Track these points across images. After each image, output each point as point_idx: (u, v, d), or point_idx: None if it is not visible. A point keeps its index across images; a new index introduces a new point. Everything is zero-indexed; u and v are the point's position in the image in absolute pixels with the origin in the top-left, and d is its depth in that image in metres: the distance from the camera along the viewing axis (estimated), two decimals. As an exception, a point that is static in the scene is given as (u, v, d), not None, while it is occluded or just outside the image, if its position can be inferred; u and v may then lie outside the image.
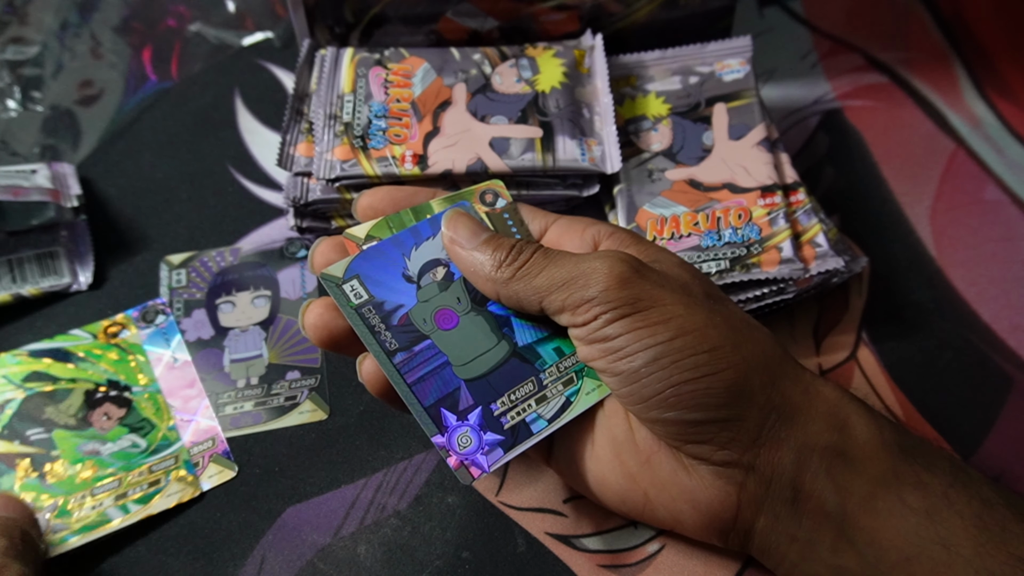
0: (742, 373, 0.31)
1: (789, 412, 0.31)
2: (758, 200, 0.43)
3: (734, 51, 0.48)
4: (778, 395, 0.31)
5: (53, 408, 0.41)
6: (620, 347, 0.31)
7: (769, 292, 0.41)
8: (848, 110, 0.52)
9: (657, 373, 0.30)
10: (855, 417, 0.31)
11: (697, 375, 0.30)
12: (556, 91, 0.46)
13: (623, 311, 0.31)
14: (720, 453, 0.31)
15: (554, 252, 0.33)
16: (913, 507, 0.30)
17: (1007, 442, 0.40)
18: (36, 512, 0.38)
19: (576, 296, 0.32)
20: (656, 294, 0.31)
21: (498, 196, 0.37)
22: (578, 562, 0.37)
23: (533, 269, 0.33)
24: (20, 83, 0.54)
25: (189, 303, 0.45)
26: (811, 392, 0.32)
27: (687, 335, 0.31)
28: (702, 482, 0.32)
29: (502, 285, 0.33)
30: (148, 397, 0.41)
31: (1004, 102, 0.52)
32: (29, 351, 0.42)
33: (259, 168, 0.50)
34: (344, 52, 0.47)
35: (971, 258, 0.46)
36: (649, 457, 0.33)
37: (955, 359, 0.42)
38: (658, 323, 0.31)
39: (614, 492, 0.34)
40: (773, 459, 0.31)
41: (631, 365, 0.31)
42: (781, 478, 0.31)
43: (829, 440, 0.31)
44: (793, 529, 0.31)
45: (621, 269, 0.31)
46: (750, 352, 0.31)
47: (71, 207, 0.45)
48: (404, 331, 0.35)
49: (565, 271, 0.32)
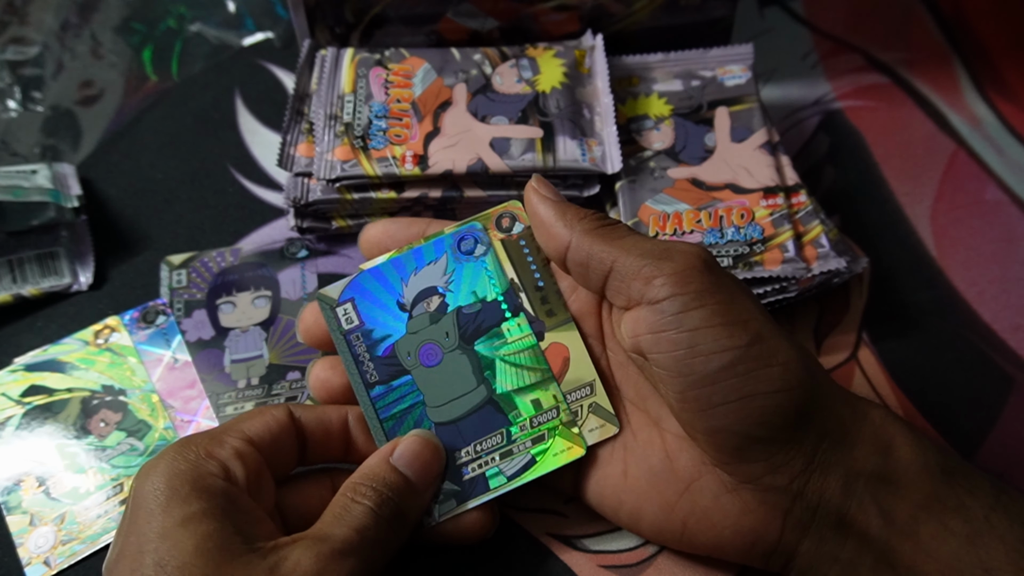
0: (809, 392, 0.30)
1: (839, 436, 0.30)
2: (760, 201, 0.43)
3: (736, 58, 0.48)
4: (832, 419, 0.30)
5: (52, 420, 0.41)
6: (695, 343, 0.29)
7: (771, 291, 0.41)
8: (848, 110, 0.52)
9: (732, 380, 0.29)
10: (899, 438, 0.31)
11: (771, 389, 0.29)
12: (556, 91, 0.46)
13: (703, 298, 0.29)
14: (770, 477, 0.30)
15: (631, 231, 0.33)
16: (955, 532, 0.29)
17: (1008, 442, 0.40)
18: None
19: (654, 266, 0.30)
20: (733, 289, 0.30)
21: (516, 220, 0.36)
22: (579, 562, 0.37)
23: (616, 231, 0.32)
24: (20, 83, 0.54)
25: (189, 303, 0.44)
26: (859, 414, 0.31)
27: (764, 342, 0.29)
28: (746, 507, 0.31)
29: (581, 235, 0.32)
30: (142, 398, 0.41)
31: (1004, 102, 0.52)
32: (25, 365, 0.42)
33: (259, 168, 0.50)
34: (344, 52, 0.47)
35: (971, 258, 0.46)
36: (690, 485, 0.32)
37: (955, 359, 0.42)
38: (737, 323, 0.29)
39: (650, 524, 0.33)
40: (822, 486, 0.30)
41: (707, 367, 0.29)
42: (828, 504, 0.30)
43: (875, 464, 0.30)
44: (836, 551, 0.31)
45: (703, 255, 0.30)
46: (814, 371, 0.30)
47: (71, 207, 0.45)
48: (387, 364, 0.35)
49: (647, 243, 0.31)
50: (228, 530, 0.28)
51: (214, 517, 0.28)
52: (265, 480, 0.32)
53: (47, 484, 0.39)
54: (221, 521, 0.28)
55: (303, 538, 0.29)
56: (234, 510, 0.29)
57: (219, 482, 0.30)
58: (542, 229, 0.34)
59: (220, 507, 0.29)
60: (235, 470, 0.30)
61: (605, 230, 0.32)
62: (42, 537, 0.38)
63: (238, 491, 0.30)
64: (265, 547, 0.28)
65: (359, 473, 0.32)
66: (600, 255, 0.31)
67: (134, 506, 0.29)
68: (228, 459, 0.31)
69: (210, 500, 0.29)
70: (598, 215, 0.33)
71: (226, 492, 0.30)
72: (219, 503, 0.29)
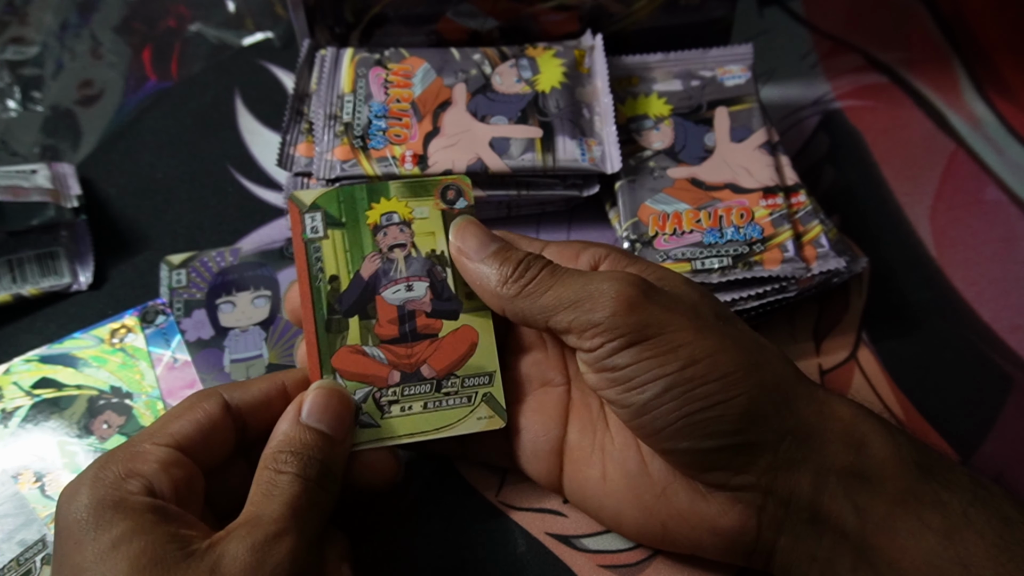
0: (755, 398, 0.30)
1: (804, 434, 0.31)
2: (760, 201, 0.43)
3: (736, 58, 0.48)
4: (792, 417, 0.31)
5: (58, 415, 0.41)
6: (629, 378, 0.30)
7: (770, 291, 0.41)
8: (848, 110, 0.52)
9: (668, 405, 0.30)
10: (872, 435, 0.31)
11: (709, 404, 0.30)
12: (556, 91, 0.46)
13: (631, 339, 0.30)
14: (737, 478, 0.31)
15: (562, 270, 0.33)
16: (932, 527, 0.29)
17: (1007, 442, 0.40)
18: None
19: (583, 320, 0.31)
20: (665, 319, 0.30)
21: (461, 195, 0.37)
22: (578, 562, 0.37)
23: (540, 287, 0.32)
24: (20, 83, 0.54)
25: (189, 303, 0.44)
26: (826, 412, 0.31)
27: (698, 363, 0.30)
28: (721, 508, 0.31)
29: (507, 302, 0.33)
30: (148, 404, 0.41)
31: (1004, 102, 0.52)
32: (40, 356, 0.42)
33: (259, 168, 0.50)
34: (344, 52, 0.47)
35: (971, 258, 0.46)
36: (664, 488, 0.32)
37: (955, 359, 0.42)
38: (668, 352, 0.30)
39: (631, 526, 0.34)
40: (791, 481, 0.30)
41: (640, 397, 0.30)
42: (800, 500, 0.31)
43: (846, 461, 0.30)
44: (813, 549, 0.31)
45: (629, 293, 0.31)
46: (763, 375, 0.31)
47: (71, 207, 0.45)
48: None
49: (572, 291, 0.31)
50: (160, 541, 0.28)
51: (143, 532, 0.28)
52: (195, 481, 0.31)
53: (44, 480, 0.39)
54: (151, 534, 0.28)
55: (236, 527, 0.29)
56: (163, 520, 0.28)
57: (143, 499, 0.29)
58: (477, 292, 0.35)
59: (148, 521, 0.28)
60: (159, 484, 0.30)
61: (530, 287, 0.32)
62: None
63: (165, 503, 0.29)
64: (201, 548, 0.28)
65: (274, 441, 0.32)
66: (534, 317, 0.32)
67: (63, 537, 0.29)
68: (151, 474, 0.30)
69: (136, 517, 0.28)
70: (521, 267, 0.33)
71: (152, 507, 0.29)
72: (148, 518, 0.28)
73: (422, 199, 0.36)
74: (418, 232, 0.36)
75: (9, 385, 0.41)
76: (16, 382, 0.42)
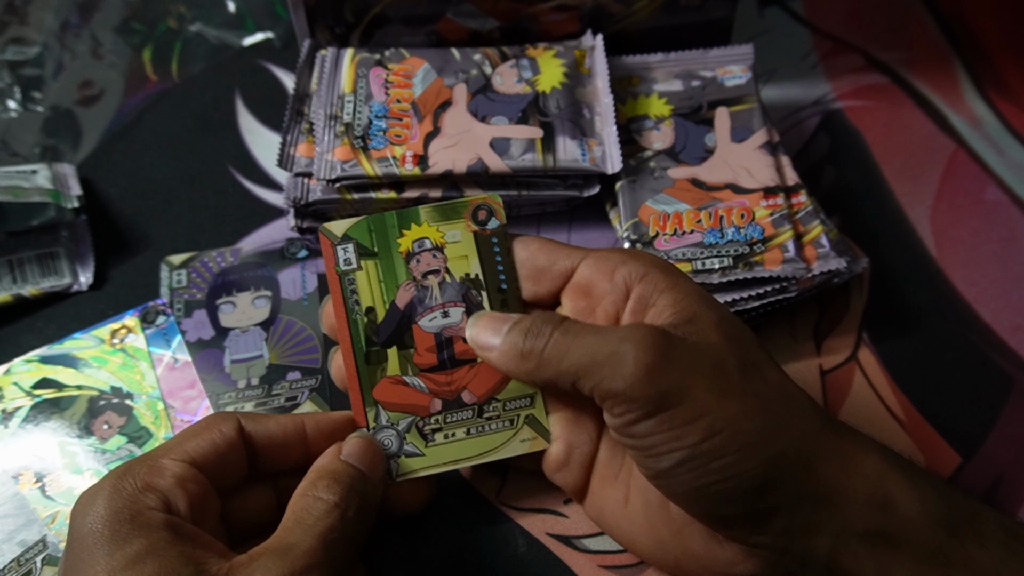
0: (773, 467, 0.29)
1: (824, 496, 0.30)
2: (760, 201, 0.43)
3: (736, 58, 0.48)
4: (813, 480, 0.30)
5: (58, 416, 0.41)
6: (648, 446, 0.30)
7: (771, 291, 0.41)
8: (848, 110, 0.52)
9: (685, 476, 0.30)
10: (898, 492, 0.30)
11: (724, 476, 0.29)
12: (557, 91, 0.46)
13: (650, 410, 0.30)
14: (753, 537, 0.30)
15: (576, 327, 0.32)
16: None
17: (1007, 442, 0.40)
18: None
19: (603, 388, 0.30)
20: (686, 384, 0.30)
21: (492, 214, 0.36)
22: (579, 562, 0.37)
23: (556, 351, 0.32)
24: (20, 83, 0.54)
25: (189, 303, 0.44)
26: (849, 469, 0.30)
27: (716, 435, 0.29)
28: (736, 556, 0.31)
29: (533, 375, 0.32)
30: (148, 404, 0.41)
31: (1004, 102, 0.52)
32: (40, 357, 0.42)
33: (259, 168, 0.50)
34: (344, 52, 0.47)
35: (971, 258, 0.46)
36: (682, 528, 0.32)
37: (955, 359, 0.42)
38: (687, 423, 0.29)
39: (643, 553, 0.34)
40: (807, 544, 0.30)
41: (658, 465, 0.30)
42: (817, 560, 0.30)
43: (870, 522, 0.30)
44: None
45: (649, 358, 0.30)
46: (783, 440, 0.30)
47: (71, 207, 0.45)
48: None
49: (589, 354, 0.31)
50: (176, 563, 0.28)
51: (159, 553, 0.28)
52: (210, 500, 0.31)
53: (44, 481, 0.39)
54: (167, 555, 0.28)
55: (262, 554, 0.29)
56: (179, 540, 0.28)
57: (159, 515, 0.29)
58: (510, 376, 0.35)
59: (164, 540, 0.28)
60: (176, 501, 0.30)
61: (549, 353, 0.32)
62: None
63: (180, 520, 0.29)
64: (220, 571, 0.28)
65: (314, 473, 0.32)
66: (561, 383, 0.32)
67: (76, 547, 0.28)
68: (169, 489, 0.30)
69: (152, 535, 0.28)
70: (531, 335, 0.33)
71: (168, 524, 0.29)
72: (163, 536, 0.28)
73: (453, 222, 0.36)
74: (451, 256, 0.36)
75: (9, 385, 0.41)
76: (16, 382, 0.42)
